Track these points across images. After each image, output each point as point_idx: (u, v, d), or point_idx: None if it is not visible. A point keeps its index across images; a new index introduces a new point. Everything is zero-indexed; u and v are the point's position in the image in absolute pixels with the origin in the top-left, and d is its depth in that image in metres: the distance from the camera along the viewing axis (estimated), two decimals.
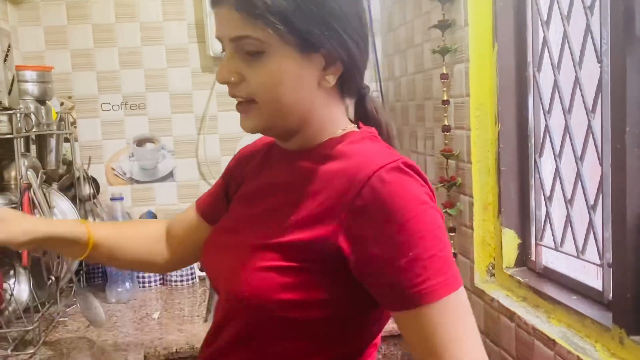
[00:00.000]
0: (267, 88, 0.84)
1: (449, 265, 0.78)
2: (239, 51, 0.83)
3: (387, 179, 0.78)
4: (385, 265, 0.78)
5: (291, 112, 0.86)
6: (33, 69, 1.68)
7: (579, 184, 1.25)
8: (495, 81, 1.46)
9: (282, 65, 0.83)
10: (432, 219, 0.79)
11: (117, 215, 1.80)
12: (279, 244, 0.84)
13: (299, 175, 0.89)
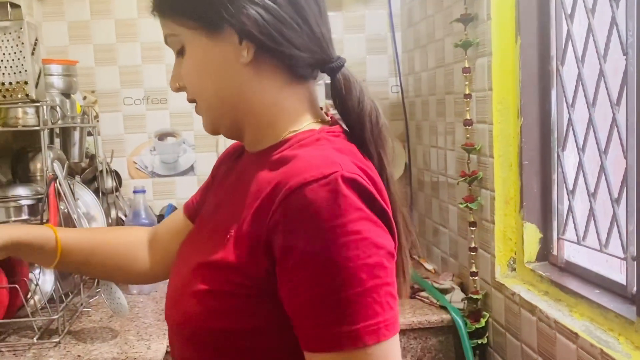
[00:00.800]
0: (193, 81, 0.79)
1: (366, 314, 0.63)
2: (175, 55, 0.81)
3: (310, 197, 0.65)
4: (290, 296, 0.67)
5: (223, 100, 0.79)
6: (59, 63, 1.70)
7: (603, 177, 1.24)
8: (518, 75, 1.46)
9: (197, 54, 0.78)
10: (358, 254, 0.64)
11: (139, 208, 1.82)
12: (217, 265, 0.74)
13: (246, 185, 0.77)
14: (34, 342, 1.39)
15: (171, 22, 0.78)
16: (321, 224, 0.64)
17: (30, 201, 1.44)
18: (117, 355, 1.32)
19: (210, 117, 0.81)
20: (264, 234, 0.69)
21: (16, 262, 1.48)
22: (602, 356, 1.08)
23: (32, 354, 1.34)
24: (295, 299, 0.66)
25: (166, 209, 2.11)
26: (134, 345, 1.38)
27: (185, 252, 0.86)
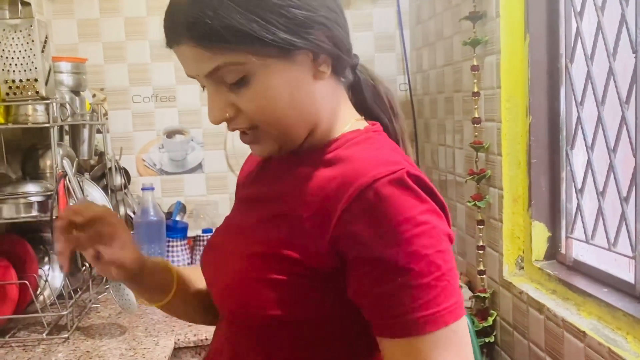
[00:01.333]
0: (266, 111, 0.76)
1: (446, 295, 0.69)
2: (221, 83, 0.75)
3: (382, 193, 0.70)
4: (371, 287, 0.70)
5: (299, 122, 0.79)
6: (68, 60, 1.71)
7: (612, 175, 1.24)
8: (527, 73, 1.46)
9: (271, 81, 0.75)
10: (432, 243, 0.69)
11: (148, 205, 1.82)
12: (276, 255, 0.77)
13: (298, 182, 0.80)
14: (44, 337, 1.41)
15: (232, 52, 0.73)
16: (395, 218, 0.69)
17: (39, 198, 1.44)
18: (125, 351, 1.33)
19: (279, 141, 0.79)
20: (331, 229, 0.72)
21: (26, 258, 1.50)
22: (610, 355, 1.07)
23: (41, 349, 1.35)
24: (376, 290, 0.69)
25: (174, 207, 2.12)
26: (142, 341, 1.39)
27: (227, 243, 0.87)
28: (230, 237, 0.89)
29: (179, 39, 0.75)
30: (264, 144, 0.79)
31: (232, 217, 0.94)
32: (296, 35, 0.74)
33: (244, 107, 0.75)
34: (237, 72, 0.74)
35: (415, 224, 0.69)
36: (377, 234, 0.69)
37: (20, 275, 1.44)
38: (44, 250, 1.60)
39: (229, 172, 2.21)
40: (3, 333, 1.43)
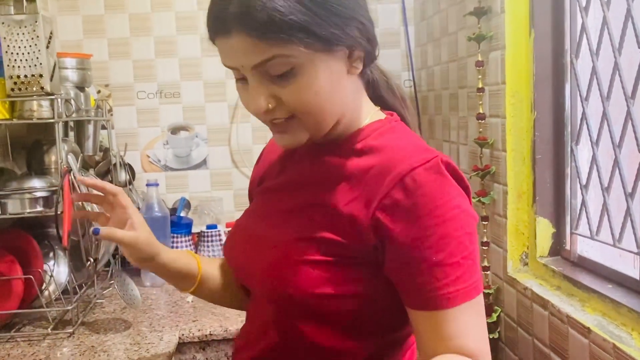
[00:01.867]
0: (308, 102, 0.80)
1: (471, 273, 0.78)
2: (264, 75, 0.79)
3: (420, 180, 0.77)
4: (407, 265, 0.78)
5: (332, 114, 0.84)
6: (73, 56, 1.72)
7: (617, 171, 1.23)
8: (532, 68, 1.45)
9: (316, 74, 0.79)
10: (462, 225, 0.78)
11: (152, 201, 1.83)
12: (315, 239, 0.83)
13: (331, 171, 0.87)
14: (49, 332, 1.41)
15: (284, 45, 0.76)
16: (431, 203, 0.77)
17: (44, 193, 1.45)
18: (129, 346, 1.33)
19: (311, 131, 0.83)
20: (371, 214, 0.79)
21: (31, 253, 1.50)
22: (614, 351, 1.07)
23: (46, 344, 1.36)
24: (411, 269, 0.78)
25: (179, 203, 2.12)
26: (147, 336, 1.39)
27: (259, 231, 0.93)
28: (261, 226, 0.94)
29: (229, 28, 0.76)
30: (295, 134, 0.83)
31: (258, 208, 0.99)
32: (340, 30, 0.79)
33: (287, 98, 0.79)
34: (284, 65, 0.77)
35: (449, 208, 0.77)
36: (414, 217, 0.77)
37: (25, 270, 1.45)
38: (49, 245, 1.61)
39: (234, 168, 2.22)
40: (8, 328, 1.44)
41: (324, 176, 0.88)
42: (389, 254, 0.80)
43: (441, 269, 0.77)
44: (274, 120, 0.83)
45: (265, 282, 0.87)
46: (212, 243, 1.98)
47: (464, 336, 0.78)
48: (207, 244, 1.98)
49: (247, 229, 0.98)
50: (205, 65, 2.18)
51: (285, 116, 0.81)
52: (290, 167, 0.96)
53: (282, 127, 0.83)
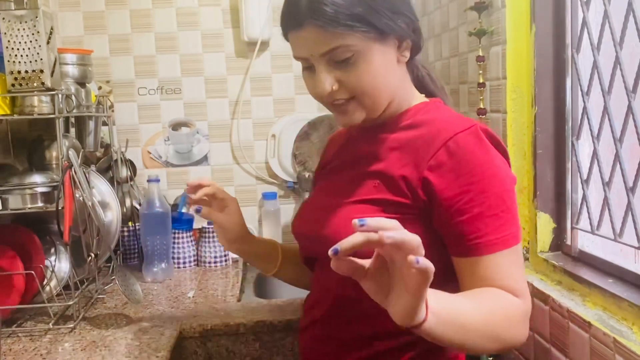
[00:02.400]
0: (366, 84, 0.95)
1: (509, 225, 0.91)
2: (329, 62, 0.94)
3: (462, 143, 0.91)
4: (452, 217, 0.91)
5: (386, 96, 0.98)
6: (73, 52, 1.72)
7: (618, 165, 1.23)
8: (533, 63, 1.45)
9: (372, 60, 0.94)
10: (500, 183, 0.91)
11: (153, 197, 1.83)
12: (375, 200, 0.97)
13: (384, 144, 1.03)
14: (50, 327, 1.42)
15: (349, 36, 0.92)
16: (472, 162, 0.91)
17: (45, 188, 1.45)
18: (130, 341, 1.33)
19: (368, 111, 0.99)
20: (421, 174, 0.94)
21: (32, 249, 1.51)
22: (615, 345, 1.07)
23: (48, 339, 1.36)
24: (455, 219, 0.91)
25: (180, 199, 2.12)
26: (148, 331, 1.39)
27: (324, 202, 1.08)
28: (326, 198, 1.09)
29: (301, 22, 0.92)
30: (354, 113, 0.99)
31: (323, 186, 1.16)
32: (392, 22, 0.94)
33: (349, 81, 0.95)
34: (347, 52, 0.93)
35: (487, 167, 0.91)
36: (457, 175, 0.91)
37: (26, 265, 1.45)
38: (50, 241, 1.61)
39: (235, 164, 2.22)
40: (10, 323, 1.44)
41: (379, 149, 1.03)
42: (436, 208, 0.93)
43: (481, 220, 0.89)
44: (335, 101, 0.98)
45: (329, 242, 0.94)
46: (213, 239, 1.98)
47: (505, 278, 0.90)
48: (208, 240, 1.98)
49: (313, 204, 1.14)
50: (206, 61, 2.18)
51: (346, 97, 0.97)
52: (349, 148, 1.14)
53: (343, 107, 0.98)
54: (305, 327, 1.14)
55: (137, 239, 1.98)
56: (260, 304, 1.58)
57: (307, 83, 1.02)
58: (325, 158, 1.24)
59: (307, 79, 1.01)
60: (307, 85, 1.02)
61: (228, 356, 1.44)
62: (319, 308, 1.10)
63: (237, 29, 2.16)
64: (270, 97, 2.20)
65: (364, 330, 1.03)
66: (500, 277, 0.91)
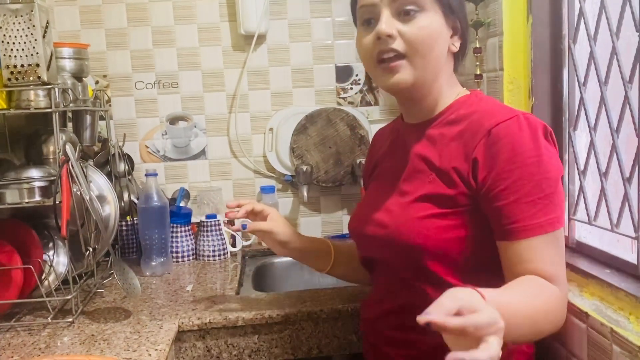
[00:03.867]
0: (421, 41, 1.00)
1: (546, 211, 0.94)
2: (396, 11, 1.00)
3: (504, 132, 0.96)
4: (492, 201, 0.96)
5: (432, 67, 1.03)
6: (70, 46, 1.71)
7: (614, 156, 1.23)
8: (530, 54, 1.45)
9: (433, 22, 1.01)
10: (539, 170, 0.94)
11: (151, 191, 1.83)
12: (433, 195, 1.02)
13: (435, 139, 1.07)
14: (49, 321, 1.42)
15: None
16: (512, 150, 0.94)
17: (42, 183, 1.45)
18: (129, 334, 1.33)
19: (415, 75, 1.03)
20: (469, 164, 0.99)
21: (30, 244, 1.51)
22: (612, 335, 1.07)
23: (46, 333, 1.36)
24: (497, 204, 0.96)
25: (178, 193, 2.12)
26: (147, 325, 1.39)
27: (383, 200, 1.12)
28: (383, 198, 1.13)
29: None
30: (403, 73, 1.02)
31: (378, 187, 1.19)
32: (458, 6, 1.05)
33: (407, 32, 1.00)
34: (416, 5, 1.00)
35: (528, 156, 0.94)
36: (496, 163, 0.95)
37: (24, 260, 1.45)
38: (48, 235, 1.61)
39: (232, 158, 2.22)
40: (8, 317, 1.44)
41: (430, 145, 1.08)
42: (481, 196, 0.98)
43: (518, 205, 0.93)
44: (387, 55, 1.01)
45: (393, 242, 1.04)
46: (212, 233, 1.98)
47: (540, 261, 0.94)
48: (206, 234, 1.98)
49: (371, 203, 1.17)
50: (203, 55, 2.17)
51: (400, 49, 1.01)
52: (399, 146, 1.17)
53: (393, 65, 1.02)
54: (375, 319, 1.18)
55: (136, 233, 1.98)
56: (259, 297, 1.58)
57: (360, 40, 1.07)
58: (373, 157, 1.29)
59: (361, 35, 1.07)
60: (360, 42, 1.07)
61: (227, 349, 1.44)
62: (388, 302, 1.14)
63: (234, 22, 2.15)
64: (268, 91, 2.20)
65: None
66: (536, 261, 0.95)
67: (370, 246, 1.16)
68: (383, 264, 1.15)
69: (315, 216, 2.26)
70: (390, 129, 1.28)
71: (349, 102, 2.21)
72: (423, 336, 1.06)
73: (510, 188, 0.94)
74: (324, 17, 2.18)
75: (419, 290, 1.06)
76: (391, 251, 1.08)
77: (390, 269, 1.12)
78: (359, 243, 1.23)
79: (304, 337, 1.46)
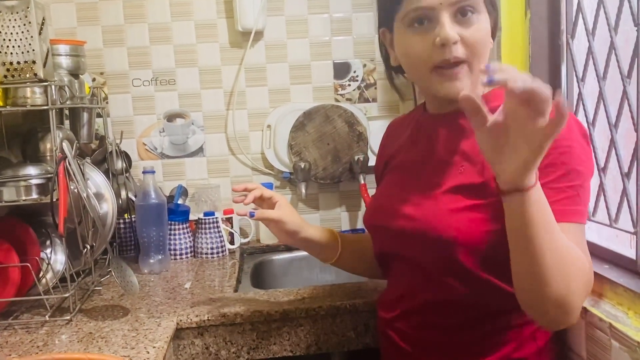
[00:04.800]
0: (482, 44, 0.98)
1: (572, 201, 0.93)
2: (454, 14, 0.96)
3: None
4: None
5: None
6: (66, 43, 1.71)
7: (613, 151, 1.23)
8: (528, 50, 1.44)
9: (486, 23, 0.99)
10: (570, 161, 0.93)
11: (149, 189, 1.82)
12: (464, 186, 1.00)
13: (465, 131, 1.04)
14: (46, 319, 1.41)
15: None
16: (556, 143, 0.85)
17: (40, 180, 1.44)
18: (127, 332, 1.33)
19: (474, 75, 0.99)
20: None
21: (27, 241, 1.50)
22: (610, 330, 1.07)
23: (44, 331, 1.36)
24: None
25: (176, 190, 2.12)
26: (145, 322, 1.39)
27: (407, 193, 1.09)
28: (407, 191, 1.10)
29: None
30: (463, 79, 0.98)
31: (398, 180, 1.16)
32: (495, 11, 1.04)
33: (470, 36, 0.96)
34: (472, 9, 0.97)
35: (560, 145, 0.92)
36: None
37: (22, 258, 1.45)
38: (45, 233, 1.60)
39: (230, 155, 2.21)
40: (6, 316, 1.44)
41: (460, 134, 1.05)
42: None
43: (544, 190, 0.86)
44: (446, 62, 0.97)
45: (424, 235, 1.01)
46: (210, 230, 1.98)
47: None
48: (204, 231, 1.98)
49: (393, 196, 1.12)
50: (200, 52, 2.16)
51: (462, 54, 0.96)
52: (423, 137, 1.14)
53: (455, 72, 0.97)
54: (396, 318, 1.15)
55: (133, 231, 1.98)
56: (257, 294, 1.57)
57: (411, 42, 1.00)
58: (388, 148, 1.25)
59: (411, 38, 1.00)
60: (411, 46, 1.01)
61: (225, 347, 1.44)
62: (409, 301, 1.12)
63: (231, 19, 2.14)
64: (266, 88, 2.19)
65: (467, 314, 1.06)
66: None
67: (393, 240, 1.12)
68: (405, 259, 1.11)
69: (313, 213, 2.25)
70: (407, 120, 1.25)
71: (347, 99, 2.21)
72: (448, 336, 1.07)
73: (540, 172, 0.88)
74: (322, 13, 2.17)
75: (445, 286, 1.03)
76: (421, 245, 1.04)
77: (414, 265, 1.09)
78: (379, 237, 1.19)
79: (303, 334, 1.46)
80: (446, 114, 1.09)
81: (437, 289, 1.05)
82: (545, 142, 0.76)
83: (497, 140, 0.81)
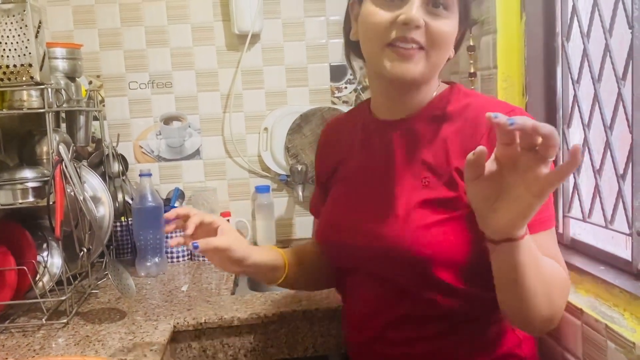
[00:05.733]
0: (443, 38, 0.96)
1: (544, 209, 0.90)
2: (423, 2, 0.95)
3: None
4: None
5: (438, 66, 1.00)
6: (63, 46, 1.71)
7: (608, 153, 1.23)
8: (523, 52, 1.45)
9: (454, 24, 0.98)
10: None
11: (145, 192, 1.82)
12: (432, 200, 0.96)
13: (424, 137, 1.02)
14: (43, 322, 1.41)
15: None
16: None
17: (36, 183, 1.44)
18: (124, 335, 1.33)
19: (428, 68, 0.97)
20: None
21: (24, 245, 1.50)
22: (606, 331, 1.07)
23: (41, 335, 1.35)
24: None
25: (173, 193, 2.12)
26: (142, 325, 1.39)
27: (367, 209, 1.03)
28: (367, 206, 1.04)
29: None
30: (417, 63, 0.96)
31: (352, 191, 1.09)
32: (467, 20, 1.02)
33: (433, 25, 0.95)
34: (442, 5, 0.96)
35: None
36: None
37: (18, 261, 1.44)
38: (42, 236, 1.60)
39: (227, 158, 2.21)
40: (2, 319, 1.44)
41: (418, 143, 1.01)
42: None
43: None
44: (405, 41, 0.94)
45: (395, 253, 0.96)
46: None
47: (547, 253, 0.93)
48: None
49: (350, 213, 1.07)
50: (197, 55, 2.17)
51: (422, 40, 0.94)
52: (373, 145, 1.08)
53: (410, 52, 0.94)
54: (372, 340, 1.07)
55: (130, 234, 1.97)
56: (254, 296, 1.57)
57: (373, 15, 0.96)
58: (334, 155, 1.17)
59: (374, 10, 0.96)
60: (372, 17, 0.96)
61: (222, 349, 1.44)
62: (382, 316, 1.05)
63: (228, 21, 2.14)
64: (262, 90, 2.19)
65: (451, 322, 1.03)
66: (545, 253, 0.92)
67: (353, 258, 1.06)
68: (373, 275, 1.05)
69: (310, 216, 2.25)
70: (351, 123, 1.17)
71: (344, 101, 2.21)
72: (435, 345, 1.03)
73: None
74: (318, 16, 2.17)
75: (424, 300, 1.00)
76: (391, 263, 0.99)
77: (382, 280, 1.03)
78: (338, 255, 1.11)
79: (300, 337, 1.46)
80: (398, 120, 1.05)
81: (416, 304, 1.01)
82: (549, 189, 0.74)
83: (490, 191, 0.78)
